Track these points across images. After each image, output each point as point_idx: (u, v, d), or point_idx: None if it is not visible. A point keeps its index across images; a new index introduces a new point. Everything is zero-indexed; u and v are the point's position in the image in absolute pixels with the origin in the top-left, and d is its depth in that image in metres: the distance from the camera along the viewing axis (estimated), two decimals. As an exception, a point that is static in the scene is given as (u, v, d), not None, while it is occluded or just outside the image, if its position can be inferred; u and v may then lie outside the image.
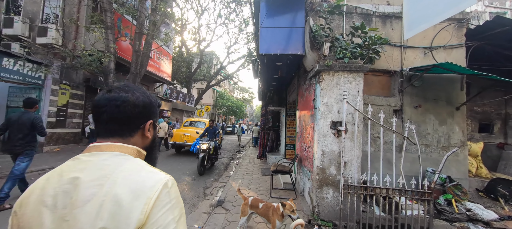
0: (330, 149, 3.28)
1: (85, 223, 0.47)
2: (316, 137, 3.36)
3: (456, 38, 4.33)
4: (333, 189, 3.24)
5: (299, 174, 4.50)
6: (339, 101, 3.32)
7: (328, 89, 3.34)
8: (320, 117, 3.31)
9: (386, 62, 4.27)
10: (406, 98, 4.25)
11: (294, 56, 3.93)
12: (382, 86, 4.42)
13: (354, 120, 3.27)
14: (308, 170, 3.79)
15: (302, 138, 4.34)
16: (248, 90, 40.07)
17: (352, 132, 3.26)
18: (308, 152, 3.85)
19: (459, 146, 4.14)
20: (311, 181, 3.50)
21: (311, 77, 3.76)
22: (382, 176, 3.06)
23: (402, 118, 4.19)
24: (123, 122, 0.61)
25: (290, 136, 7.25)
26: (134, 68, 8.96)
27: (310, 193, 3.62)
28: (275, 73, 5.36)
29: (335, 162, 3.27)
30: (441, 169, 3.03)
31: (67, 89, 8.69)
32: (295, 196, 4.06)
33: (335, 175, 3.25)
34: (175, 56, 19.57)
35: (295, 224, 1.97)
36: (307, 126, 3.95)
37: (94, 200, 0.49)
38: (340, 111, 3.31)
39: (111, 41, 8.20)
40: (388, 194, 3.03)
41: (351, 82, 3.34)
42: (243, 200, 2.69)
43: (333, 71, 3.34)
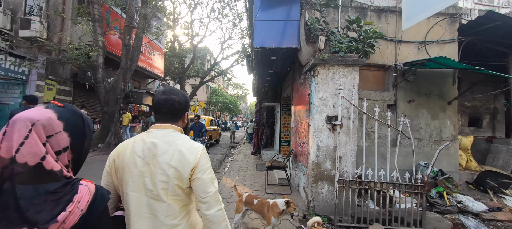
0: (326, 143, 3.25)
1: (163, 164, 0.84)
2: (312, 131, 3.33)
3: (449, 33, 4.36)
4: (328, 184, 3.23)
5: (294, 170, 4.48)
6: (335, 96, 3.29)
7: (324, 84, 3.30)
8: (316, 111, 3.27)
9: (380, 57, 4.26)
10: (400, 93, 4.27)
11: (289, 50, 3.86)
12: (377, 81, 4.43)
13: (349, 114, 3.25)
14: (303, 165, 3.77)
15: (297, 133, 4.31)
16: (242, 87, 39.83)
17: (347, 126, 3.24)
18: (303, 147, 3.82)
19: (451, 140, 4.21)
20: (306, 176, 3.48)
21: (306, 71, 3.71)
22: (376, 170, 3.07)
23: (396, 112, 4.21)
24: (173, 113, 0.97)
25: (285, 132, 7.23)
26: (124, 63, 8.68)
27: (305, 188, 3.60)
28: (270, 68, 5.28)
29: (330, 157, 3.25)
30: (434, 163, 3.07)
31: (53, 85, 8.33)
32: (290, 192, 4.04)
33: (330, 170, 3.24)
34: (168, 51, 19.14)
35: (313, 222, 1.93)
36: (302, 121, 3.92)
37: (168, 153, 0.86)
38: (336, 106, 3.27)
39: (99, 34, 7.89)
40: (382, 188, 3.05)
41: (347, 76, 3.31)
42: (238, 196, 2.63)
43: (329, 65, 3.30)
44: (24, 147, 0.56)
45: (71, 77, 9.06)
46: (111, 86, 8.59)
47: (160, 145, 0.87)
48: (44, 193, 0.57)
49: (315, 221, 1.93)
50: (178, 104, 0.96)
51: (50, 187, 0.58)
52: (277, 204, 2.33)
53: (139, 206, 0.83)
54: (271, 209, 2.33)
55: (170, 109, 0.95)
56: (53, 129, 0.62)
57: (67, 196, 0.60)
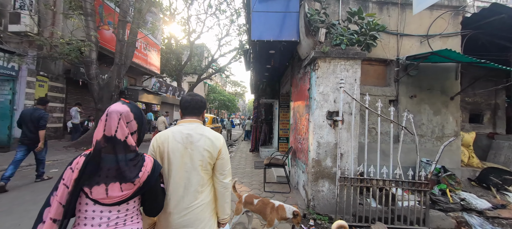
0: (326, 140, 3.13)
1: (200, 148, 1.15)
2: (312, 128, 3.20)
3: (452, 27, 4.25)
4: (329, 182, 3.11)
5: (293, 167, 4.37)
6: (336, 90, 3.15)
7: (324, 78, 3.16)
8: (316, 106, 3.14)
9: (382, 51, 4.13)
10: (402, 88, 4.16)
11: (288, 43, 3.71)
12: (378, 76, 4.30)
13: (351, 110, 3.13)
14: (302, 162, 3.65)
15: (296, 130, 4.18)
16: (240, 84, 39.60)
17: (349, 122, 3.12)
18: (302, 144, 3.69)
19: (453, 136, 4.12)
20: (306, 174, 3.36)
21: (306, 65, 3.57)
22: (379, 168, 2.96)
23: (397, 108, 4.10)
24: (197, 109, 1.28)
25: (283, 129, 7.11)
26: (119, 59, 8.44)
27: (305, 186, 3.49)
28: (268, 63, 5.13)
29: (331, 154, 3.12)
30: (438, 159, 2.97)
31: (45, 81, 8.08)
32: (289, 190, 3.92)
33: (331, 167, 3.12)
34: (164, 48, 18.84)
35: (338, 226, 1.80)
36: (302, 117, 3.79)
37: (201, 140, 1.17)
38: (337, 101, 3.15)
39: (92, 29, 7.64)
40: (385, 185, 2.94)
41: (348, 70, 3.17)
42: (237, 198, 2.49)
43: (330, 58, 3.16)
44: (118, 129, 0.88)
45: (63, 74, 8.81)
46: (105, 83, 8.36)
47: (194, 135, 1.19)
48: (129, 159, 0.89)
49: (340, 225, 1.80)
50: (200, 103, 1.31)
51: (130, 156, 0.91)
52: (284, 209, 2.19)
53: (178, 177, 1.16)
54: (275, 211, 2.20)
55: (195, 107, 1.28)
56: (129, 118, 0.93)
57: (140, 163, 0.93)
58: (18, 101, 7.28)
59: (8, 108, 7.18)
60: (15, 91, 7.27)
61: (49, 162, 5.84)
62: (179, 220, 1.14)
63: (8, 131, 7.10)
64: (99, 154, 0.87)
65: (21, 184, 4.02)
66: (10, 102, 7.19)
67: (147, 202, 1.01)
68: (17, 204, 3.20)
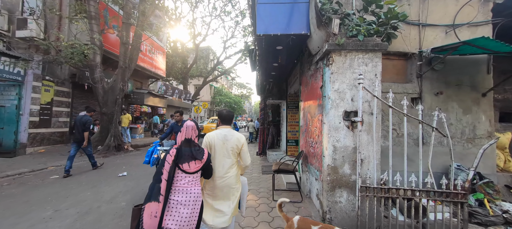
0: (343, 144, 2.75)
1: (231, 143, 2.01)
2: (326, 130, 2.84)
3: (482, 15, 3.79)
4: (348, 192, 2.73)
5: (304, 173, 4.00)
6: (353, 87, 2.79)
7: (340, 73, 2.80)
8: (331, 106, 2.78)
9: (402, 43, 3.72)
10: (426, 84, 3.73)
11: (297, 37, 3.37)
12: (397, 72, 3.89)
13: (371, 109, 2.75)
14: (315, 169, 3.28)
15: (307, 132, 3.82)
16: (246, 86, 39.43)
17: (369, 123, 2.74)
18: (315, 148, 3.33)
19: (486, 137, 3.64)
20: (320, 182, 2.99)
21: (317, 60, 3.22)
22: (406, 175, 2.56)
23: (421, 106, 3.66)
24: (229, 120, 2.18)
25: (292, 131, 6.73)
26: (123, 62, 8.34)
27: (319, 195, 3.11)
28: (275, 61, 4.80)
29: (349, 160, 2.75)
30: (477, 165, 2.53)
31: (51, 86, 8.07)
32: (300, 199, 3.56)
33: (350, 175, 2.74)
34: (170, 51, 18.88)
35: None
36: (314, 118, 3.43)
37: (233, 139, 2.03)
38: (355, 99, 2.78)
39: (96, 32, 7.57)
40: (414, 196, 2.53)
41: (367, 64, 2.80)
42: (286, 221, 1.94)
43: (345, 51, 2.80)
44: (192, 134, 1.79)
45: (69, 78, 8.79)
46: (109, 87, 8.28)
47: (228, 136, 2.02)
48: (196, 150, 1.75)
49: None
50: (231, 116, 2.19)
51: (196, 148, 1.77)
52: None
53: (219, 159, 1.98)
54: None
55: (229, 119, 2.17)
56: (195, 129, 1.82)
57: (202, 151, 1.77)
58: (24, 107, 7.27)
59: (14, 114, 7.18)
60: (21, 96, 7.27)
61: (52, 168, 5.73)
62: (219, 182, 1.99)
63: (14, 136, 7.09)
64: (181, 147, 1.74)
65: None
66: (16, 108, 7.18)
67: (205, 172, 1.85)
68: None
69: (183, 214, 1.60)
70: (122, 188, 4.22)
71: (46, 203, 3.41)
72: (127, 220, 2.97)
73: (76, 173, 5.24)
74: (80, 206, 3.32)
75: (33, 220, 2.85)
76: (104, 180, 4.74)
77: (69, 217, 2.97)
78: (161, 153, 3.51)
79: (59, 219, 2.89)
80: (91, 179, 4.80)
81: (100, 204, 3.43)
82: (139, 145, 9.99)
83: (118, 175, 5.10)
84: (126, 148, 8.79)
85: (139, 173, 5.25)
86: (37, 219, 2.88)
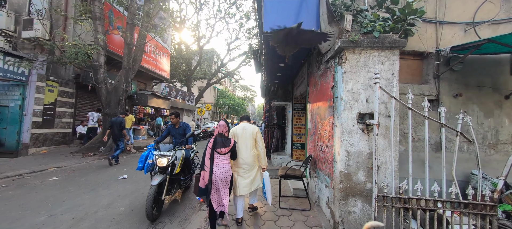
0: (357, 148, 2.54)
1: (248, 132, 2.93)
2: (338, 133, 2.63)
3: (504, 12, 3.55)
4: (362, 201, 2.50)
5: (312, 179, 3.77)
6: (368, 88, 2.58)
7: (354, 72, 2.60)
8: (344, 107, 2.57)
9: (417, 42, 3.50)
10: (444, 86, 3.49)
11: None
12: (412, 72, 3.66)
13: (388, 111, 2.54)
14: (326, 175, 3.06)
15: (316, 136, 3.60)
16: (249, 89, 39.35)
17: (385, 126, 2.52)
18: (325, 152, 3.11)
19: (510, 142, 3.37)
20: (332, 190, 2.77)
21: (328, 59, 3.02)
22: (428, 183, 2.32)
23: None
24: (248, 118, 3.20)
25: (297, 134, 6.51)
26: (127, 63, 8.28)
27: (329, 204, 2.89)
28: (281, 61, 4.62)
29: (364, 166, 2.53)
30: (507, 174, 2.29)
31: (54, 86, 8.04)
32: (309, 206, 3.33)
33: (365, 183, 2.51)
34: (175, 53, 18.91)
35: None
36: (324, 120, 3.22)
37: (249, 129, 2.95)
38: (370, 101, 2.56)
39: (100, 33, 7.52)
40: (436, 207, 2.29)
41: (384, 62, 2.59)
42: None
43: (360, 48, 2.60)
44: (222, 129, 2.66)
45: (73, 79, 8.78)
46: (113, 87, 8.21)
47: (246, 127, 2.95)
48: (225, 139, 2.62)
49: None
50: (249, 116, 3.52)
51: (225, 137, 2.64)
52: None
53: (241, 144, 2.87)
54: None
55: (247, 117, 3.21)
56: (225, 126, 2.69)
57: (229, 141, 2.63)
58: (27, 107, 7.24)
59: (18, 114, 7.14)
60: (25, 96, 7.24)
61: (53, 169, 5.62)
62: (242, 160, 2.82)
63: (17, 136, 7.04)
64: (216, 138, 2.58)
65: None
66: (20, 108, 7.15)
67: (232, 154, 2.64)
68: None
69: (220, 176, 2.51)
70: (121, 191, 4.05)
71: (41, 207, 3.26)
72: (124, 226, 2.79)
73: (76, 175, 5.12)
74: (76, 211, 3.17)
75: (24, 226, 2.69)
76: (103, 182, 4.59)
77: (64, 222, 2.81)
78: (156, 158, 3.12)
79: (53, 225, 2.73)
80: (90, 181, 4.66)
81: (97, 209, 3.26)
82: (142, 147, 9.87)
83: (118, 177, 4.95)
84: (129, 150, 8.68)
85: (139, 176, 5.09)
86: (29, 225, 2.72)
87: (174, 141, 4.06)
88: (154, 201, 2.83)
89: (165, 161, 3.09)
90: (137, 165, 3.48)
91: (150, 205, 2.76)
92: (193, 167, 4.27)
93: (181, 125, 4.07)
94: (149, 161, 3.23)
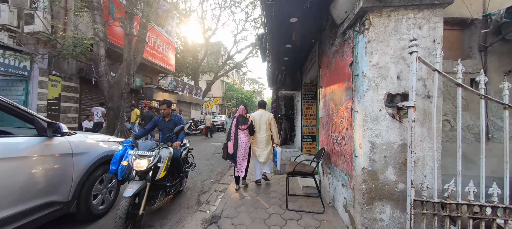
0: (386, 139, 1.98)
1: (265, 118, 3.83)
2: (360, 121, 2.08)
3: None
4: (393, 206, 1.97)
5: (326, 176, 3.25)
6: (400, 60, 1.99)
7: (380, 41, 2.01)
8: (367, 87, 2.01)
9: (458, 7, 2.80)
10: (492, 61, 2.80)
11: (316, 2, 2.60)
12: (450, 45, 2.98)
13: (427, 90, 1.95)
14: (342, 171, 2.53)
15: (329, 125, 3.06)
16: (258, 82, 38.72)
17: (423, 110, 1.94)
18: (341, 145, 2.57)
19: None
20: (351, 190, 2.24)
21: (346, 29, 2.43)
22: (484, 183, 1.74)
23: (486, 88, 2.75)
24: (264, 106, 4.09)
25: (308, 125, 5.94)
26: (128, 55, 7.97)
27: (347, 207, 2.37)
28: (288, 41, 4.05)
29: (394, 161, 1.97)
30: None
31: (58, 81, 7.93)
32: (322, 209, 2.83)
33: (395, 183, 1.97)
34: (181, 47, 18.63)
35: None
36: (340, 106, 2.66)
37: (265, 116, 3.85)
38: (402, 77, 1.98)
39: (99, 23, 7.23)
40: (496, 216, 1.72)
41: (422, 26, 1.98)
42: None
43: (389, 9, 1.99)
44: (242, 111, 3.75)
45: (77, 73, 8.65)
46: (115, 81, 7.98)
47: (263, 114, 3.85)
48: (244, 118, 3.69)
49: None
50: (265, 104, 4.16)
51: (244, 117, 3.72)
52: None
53: (259, 127, 3.80)
54: None
55: (263, 105, 4.08)
56: (244, 109, 3.81)
57: (247, 120, 3.70)
58: (31, 102, 7.17)
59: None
60: (28, 91, 7.17)
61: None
62: (259, 138, 3.79)
63: (22, 132, 7.01)
64: (238, 118, 3.64)
65: None
66: (24, 103, 7.09)
67: (250, 130, 3.63)
68: None
69: (241, 146, 3.60)
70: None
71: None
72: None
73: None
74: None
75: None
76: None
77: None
78: (133, 159, 2.34)
79: None
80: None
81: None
82: (148, 141, 9.72)
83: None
84: (133, 144, 8.51)
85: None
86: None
87: (161, 137, 3.35)
88: (128, 217, 2.11)
89: (144, 163, 2.32)
90: None
91: (121, 224, 1.99)
92: (186, 167, 3.63)
93: (172, 118, 3.34)
94: (123, 163, 2.45)
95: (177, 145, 2.89)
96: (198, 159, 6.33)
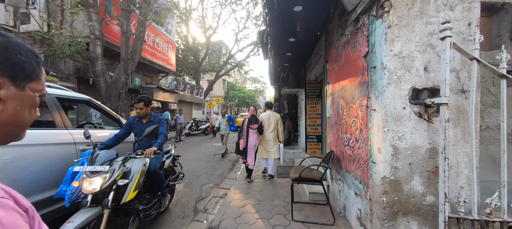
0: (411, 142, 1.66)
1: (273, 118, 4.28)
2: (379, 120, 1.76)
3: None
4: (420, 222, 1.65)
5: (335, 181, 2.94)
6: (428, 48, 1.67)
7: (404, 26, 1.69)
8: (388, 81, 1.69)
9: (486, -10, 2.45)
10: (526, 50, 2.44)
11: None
12: (476, 34, 2.63)
13: (461, 84, 1.62)
14: (356, 179, 2.22)
15: (339, 126, 2.74)
16: (260, 81, 38.44)
17: (457, 108, 1.62)
18: (354, 148, 2.26)
19: None
20: (368, 201, 1.93)
21: (359, 15, 2.11)
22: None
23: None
24: (271, 107, 4.54)
25: (312, 125, 5.63)
26: (125, 53, 7.72)
27: (363, 220, 2.06)
28: (292, 35, 3.73)
29: (421, 169, 1.66)
30: None
31: (54, 82, 7.73)
32: (332, 220, 2.52)
33: (423, 195, 1.65)
34: (182, 47, 18.41)
35: None
36: (352, 103, 2.34)
37: (272, 117, 4.28)
38: (431, 68, 1.66)
39: (94, 21, 7.00)
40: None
41: (454, 6, 1.66)
42: None
43: (414, -13, 1.67)
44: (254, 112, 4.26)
45: (74, 73, 8.45)
46: (112, 80, 7.75)
47: (272, 115, 4.28)
48: (256, 118, 4.18)
49: None
50: (272, 104, 4.66)
51: (255, 117, 4.20)
52: None
53: (267, 126, 4.23)
54: None
55: (270, 106, 4.53)
56: (254, 110, 4.29)
57: (258, 120, 4.20)
58: (27, 103, 6.98)
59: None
60: (24, 92, 6.98)
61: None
62: (267, 137, 4.22)
63: (18, 134, 6.84)
64: (250, 118, 4.13)
65: None
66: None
67: (259, 130, 4.14)
68: None
69: (251, 143, 4.11)
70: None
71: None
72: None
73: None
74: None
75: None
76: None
77: None
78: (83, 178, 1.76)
79: None
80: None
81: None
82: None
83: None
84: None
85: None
86: None
87: (136, 144, 2.57)
88: None
89: (98, 182, 1.72)
90: None
91: None
92: (171, 179, 2.97)
93: (151, 119, 2.55)
94: (74, 184, 1.84)
95: (149, 153, 2.10)
96: (197, 161, 6.06)
